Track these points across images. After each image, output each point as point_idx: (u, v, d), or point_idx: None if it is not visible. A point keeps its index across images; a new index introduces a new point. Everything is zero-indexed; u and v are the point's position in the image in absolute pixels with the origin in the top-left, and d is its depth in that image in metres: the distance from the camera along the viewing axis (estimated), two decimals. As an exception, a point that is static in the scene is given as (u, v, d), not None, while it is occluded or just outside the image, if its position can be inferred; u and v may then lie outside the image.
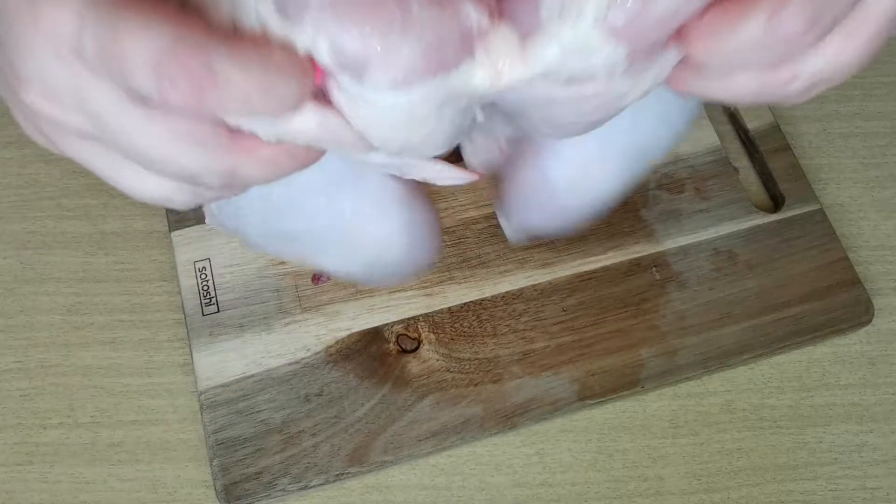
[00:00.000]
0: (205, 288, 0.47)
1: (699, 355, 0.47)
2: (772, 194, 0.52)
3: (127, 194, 0.23)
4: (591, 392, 0.45)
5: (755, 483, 0.45)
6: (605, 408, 0.46)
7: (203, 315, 0.46)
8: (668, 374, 0.46)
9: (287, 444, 0.43)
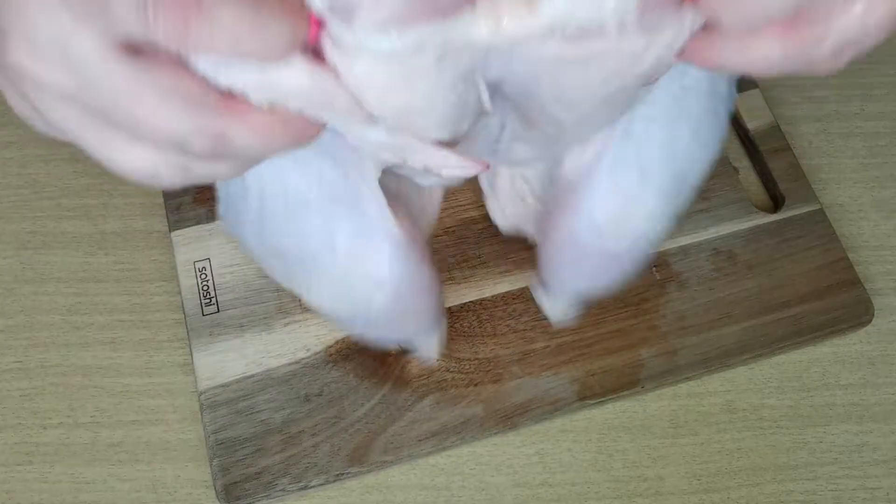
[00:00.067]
0: (205, 288, 0.47)
1: (699, 355, 0.47)
2: (772, 194, 0.52)
3: (112, 169, 0.22)
4: (591, 392, 0.45)
5: (755, 483, 0.45)
6: (605, 408, 0.46)
7: (203, 315, 0.46)
8: (668, 374, 0.46)
9: (287, 444, 0.43)
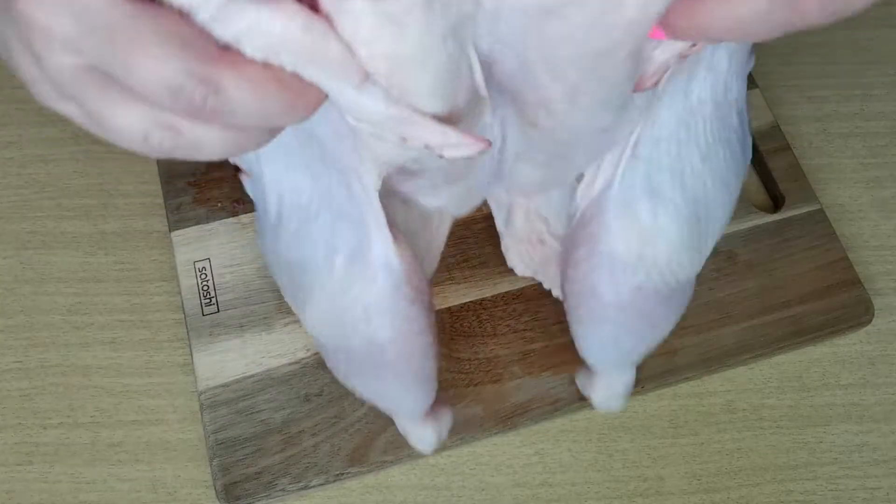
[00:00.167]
0: (205, 288, 0.47)
1: (699, 355, 0.47)
2: (772, 194, 0.52)
3: (104, 132, 0.22)
4: (591, 392, 0.45)
5: (755, 483, 0.45)
6: (605, 408, 0.46)
7: (203, 315, 0.46)
8: (668, 374, 0.46)
9: (287, 444, 0.43)
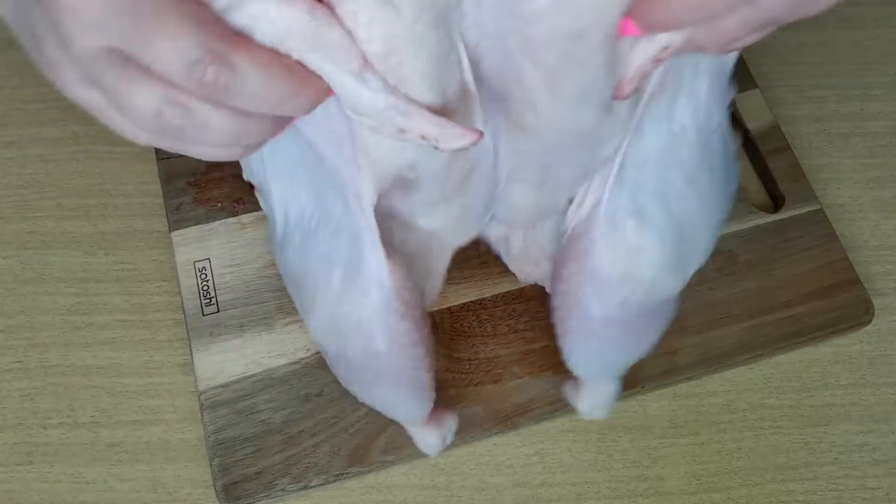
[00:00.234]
0: (205, 288, 0.47)
1: (699, 355, 0.47)
2: (772, 194, 0.52)
3: (119, 117, 0.24)
4: (591, 392, 0.45)
5: (755, 483, 0.45)
6: (605, 408, 0.46)
7: (203, 315, 0.46)
8: (668, 374, 0.46)
9: (287, 444, 0.43)
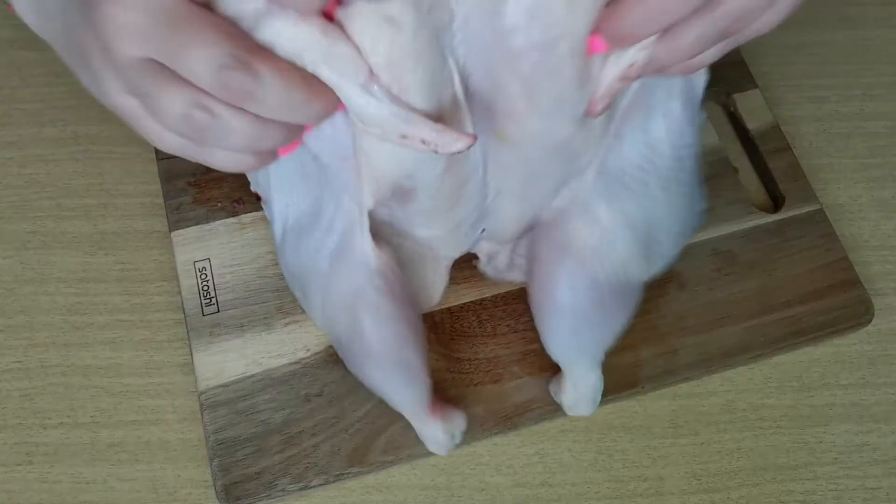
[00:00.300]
0: (205, 288, 0.47)
1: (699, 355, 0.47)
2: (772, 194, 0.52)
3: (151, 121, 0.27)
4: (591, 392, 0.45)
5: (755, 483, 0.45)
6: (605, 408, 0.46)
7: (203, 315, 0.46)
8: (668, 375, 0.46)
9: (287, 445, 0.43)
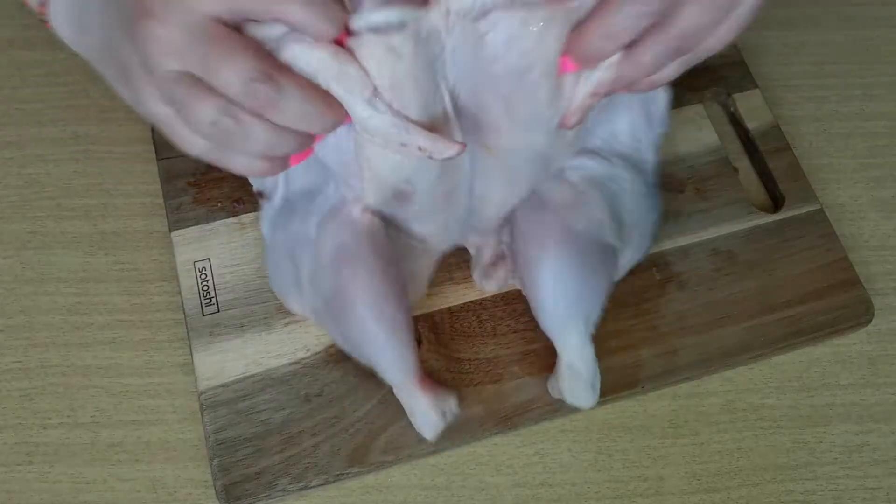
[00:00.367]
0: (205, 288, 0.47)
1: (699, 355, 0.47)
2: (772, 194, 0.52)
3: (182, 127, 0.30)
4: (591, 392, 0.45)
5: (755, 483, 0.45)
6: (605, 408, 0.46)
7: (203, 315, 0.46)
8: (668, 375, 0.46)
9: (287, 445, 0.43)
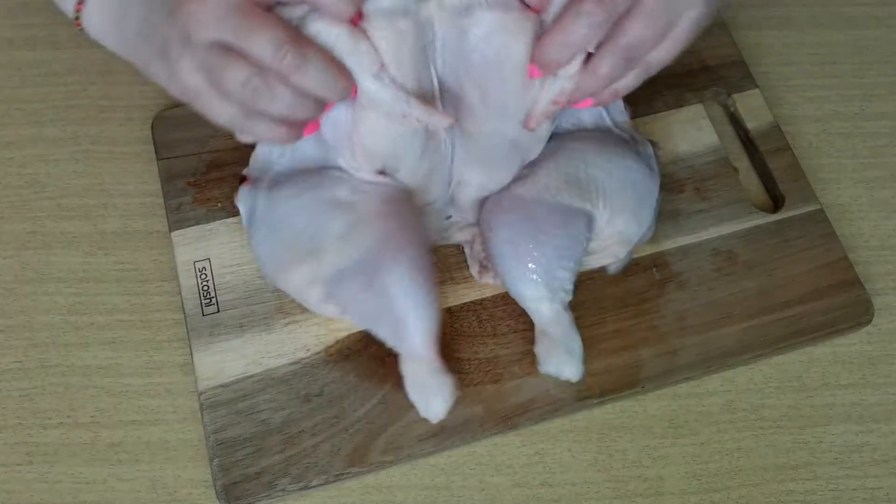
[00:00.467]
0: (205, 288, 0.47)
1: (699, 355, 0.47)
2: (772, 194, 0.52)
3: (215, 94, 0.34)
4: (591, 392, 0.45)
5: (755, 483, 0.45)
6: (605, 408, 0.46)
7: (203, 315, 0.46)
8: (668, 374, 0.46)
9: (287, 445, 0.43)
